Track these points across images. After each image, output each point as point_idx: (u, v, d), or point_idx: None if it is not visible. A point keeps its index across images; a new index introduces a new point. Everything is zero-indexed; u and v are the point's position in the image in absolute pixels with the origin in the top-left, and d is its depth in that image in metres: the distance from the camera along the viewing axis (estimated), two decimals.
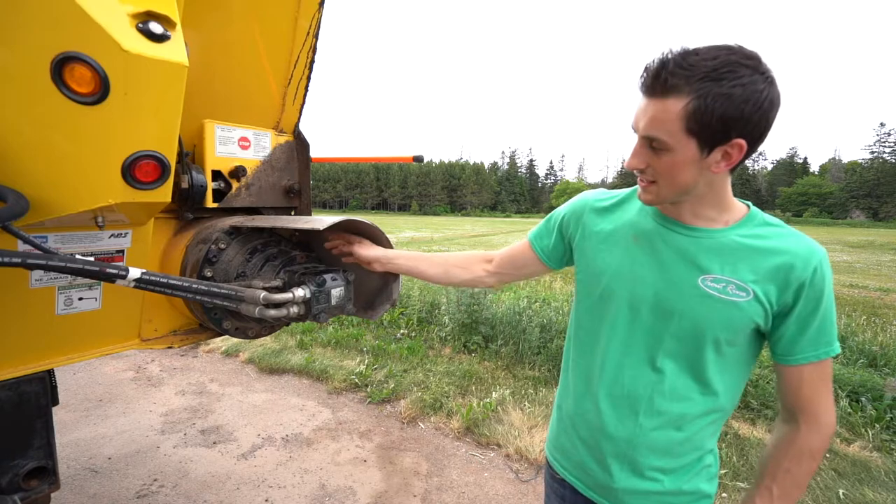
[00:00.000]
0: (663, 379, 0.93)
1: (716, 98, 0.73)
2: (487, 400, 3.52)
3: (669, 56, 0.77)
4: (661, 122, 0.78)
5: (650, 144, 0.82)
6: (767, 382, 3.59)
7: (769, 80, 0.75)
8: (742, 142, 0.77)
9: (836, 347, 0.87)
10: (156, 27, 0.81)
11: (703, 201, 0.89)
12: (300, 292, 1.17)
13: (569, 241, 1.12)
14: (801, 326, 0.85)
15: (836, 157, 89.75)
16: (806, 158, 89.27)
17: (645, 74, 0.80)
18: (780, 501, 0.91)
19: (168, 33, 0.83)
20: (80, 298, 1.18)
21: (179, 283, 0.99)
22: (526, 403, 3.52)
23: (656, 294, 0.92)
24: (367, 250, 1.30)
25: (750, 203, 0.93)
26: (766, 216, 0.91)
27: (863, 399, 3.45)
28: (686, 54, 0.76)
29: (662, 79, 0.77)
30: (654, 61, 0.79)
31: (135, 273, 0.91)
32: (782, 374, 0.91)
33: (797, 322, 0.85)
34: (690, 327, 0.89)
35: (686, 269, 0.89)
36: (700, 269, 0.88)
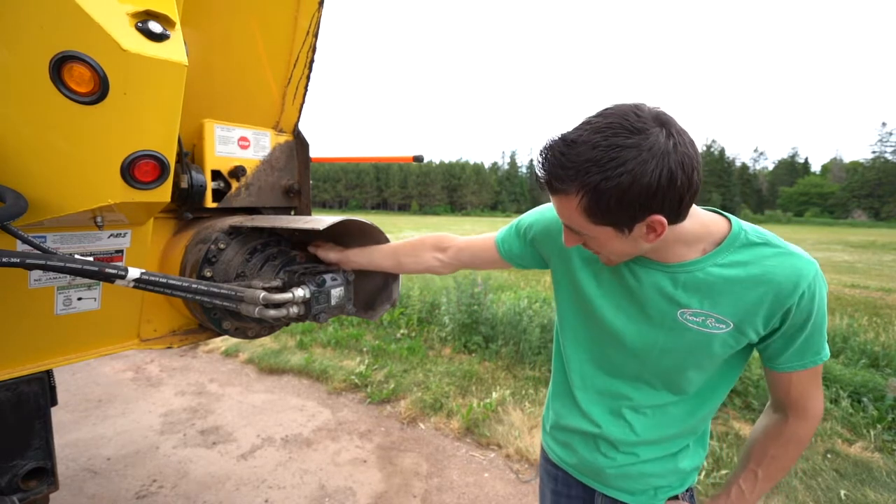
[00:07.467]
0: (643, 393, 0.97)
1: (604, 191, 0.70)
2: (487, 400, 3.52)
3: (549, 154, 0.74)
4: (569, 216, 0.78)
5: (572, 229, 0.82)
6: None
7: (661, 153, 0.67)
8: (658, 217, 0.72)
9: (825, 354, 0.85)
10: (155, 26, 0.81)
11: (667, 244, 0.83)
12: (300, 292, 1.17)
13: (540, 254, 1.09)
14: (786, 342, 0.84)
15: (838, 157, 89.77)
16: (807, 158, 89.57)
17: (537, 173, 0.78)
18: (763, 483, 0.94)
19: (167, 32, 0.83)
20: (80, 298, 1.18)
21: (179, 283, 0.99)
22: (526, 404, 3.52)
23: (638, 328, 0.92)
24: (325, 253, 1.33)
25: (731, 217, 0.86)
26: (750, 233, 0.83)
27: (864, 399, 3.45)
28: (565, 149, 0.72)
29: (548, 182, 0.75)
30: (539, 158, 0.76)
31: (134, 273, 0.91)
32: (771, 375, 0.92)
33: (783, 338, 0.84)
34: (671, 358, 0.91)
35: (665, 305, 0.88)
36: (679, 304, 0.86)
